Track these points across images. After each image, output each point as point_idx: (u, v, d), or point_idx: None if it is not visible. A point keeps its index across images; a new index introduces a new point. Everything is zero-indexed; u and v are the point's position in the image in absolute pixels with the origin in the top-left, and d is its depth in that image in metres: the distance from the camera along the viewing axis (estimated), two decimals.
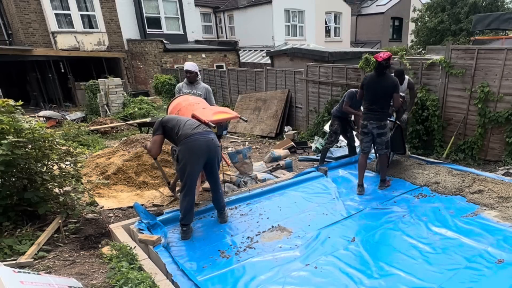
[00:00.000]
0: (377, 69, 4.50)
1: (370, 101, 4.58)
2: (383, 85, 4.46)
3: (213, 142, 3.61)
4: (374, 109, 4.55)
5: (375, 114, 4.55)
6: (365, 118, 4.66)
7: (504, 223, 3.82)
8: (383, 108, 4.55)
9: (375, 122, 4.57)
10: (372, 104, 4.57)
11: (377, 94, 4.49)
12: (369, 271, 3.15)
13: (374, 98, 4.53)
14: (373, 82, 4.52)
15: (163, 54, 16.08)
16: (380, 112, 4.55)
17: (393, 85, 4.47)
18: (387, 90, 4.47)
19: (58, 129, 8.77)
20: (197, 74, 5.26)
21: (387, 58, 4.39)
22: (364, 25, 27.93)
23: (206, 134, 3.57)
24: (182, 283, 2.97)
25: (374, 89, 4.50)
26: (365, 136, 4.74)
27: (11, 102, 3.68)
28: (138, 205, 3.97)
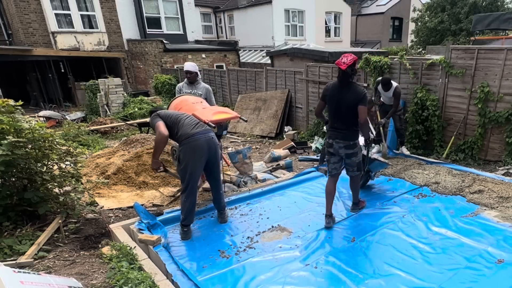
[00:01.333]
0: (340, 78, 3.67)
1: (334, 116, 3.80)
2: (347, 98, 3.63)
3: (213, 141, 3.63)
4: (339, 127, 3.77)
5: (340, 132, 3.76)
6: (329, 135, 3.87)
7: (504, 223, 3.82)
8: (349, 125, 3.73)
9: (341, 142, 3.77)
10: (336, 121, 3.78)
11: (340, 108, 3.70)
12: (369, 271, 3.15)
13: (337, 113, 3.74)
14: (335, 93, 3.71)
15: (163, 54, 16.08)
16: (346, 130, 3.75)
17: (358, 97, 3.60)
18: (352, 103, 3.62)
19: (58, 129, 8.78)
20: (197, 74, 5.25)
21: (351, 64, 3.55)
22: (364, 25, 27.93)
23: (206, 133, 3.57)
24: (182, 283, 2.97)
25: (337, 102, 3.70)
26: (331, 156, 3.93)
27: (11, 102, 3.68)
28: (138, 205, 3.97)
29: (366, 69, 7.36)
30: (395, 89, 5.89)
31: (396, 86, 5.95)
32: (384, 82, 6.01)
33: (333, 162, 3.94)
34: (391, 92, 5.94)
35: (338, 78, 3.71)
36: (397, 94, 5.88)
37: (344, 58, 3.58)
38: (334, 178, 4.00)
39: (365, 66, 7.33)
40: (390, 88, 5.97)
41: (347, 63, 3.54)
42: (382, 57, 7.26)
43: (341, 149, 3.80)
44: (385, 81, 5.98)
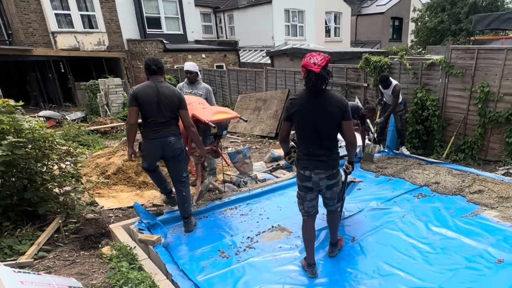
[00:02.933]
0: (312, 86, 2.65)
1: (309, 140, 2.82)
2: (326, 112, 2.71)
3: (171, 146, 3.57)
4: (318, 152, 2.80)
5: (321, 160, 2.81)
6: (305, 166, 2.86)
7: (504, 223, 3.82)
8: (331, 148, 2.85)
9: (323, 172, 2.83)
10: (313, 145, 2.81)
11: (318, 127, 2.73)
12: (369, 271, 3.15)
13: (314, 134, 2.77)
14: (307, 108, 2.72)
15: (163, 54, 16.08)
16: (328, 156, 2.82)
17: (341, 109, 2.71)
18: (334, 118, 2.72)
19: (58, 129, 8.78)
20: (198, 74, 5.25)
21: (325, 65, 2.65)
22: (364, 25, 27.92)
23: (164, 137, 3.55)
24: (182, 283, 2.97)
25: (313, 119, 2.72)
26: (308, 193, 2.95)
27: (11, 102, 3.69)
28: (138, 205, 3.97)
29: (366, 69, 7.37)
30: (394, 87, 5.92)
31: (396, 84, 5.98)
32: (381, 78, 6.06)
33: (310, 199, 2.98)
34: (391, 90, 5.97)
35: (308, 87, 2.69)
36: (396, 92, 5.92)
37: (313, 58, 2.65)
38: (313, 218, 3.09)
39: (365, 66, 7.33)
40: (389, 86, 6.00)
41: (319, 64, 2.60)
42: (382, 57, 7.27)
43: (322, 181, 2.87)
44: (382, 78, 6.03)
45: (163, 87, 3.52)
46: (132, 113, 3.46)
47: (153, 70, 3.53)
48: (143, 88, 3.48)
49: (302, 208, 3.06)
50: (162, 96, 3.48)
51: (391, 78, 6.12)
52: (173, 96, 3.54)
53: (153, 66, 3.52)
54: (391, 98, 6.06)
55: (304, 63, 2.70)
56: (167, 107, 3.51)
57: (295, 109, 2.77)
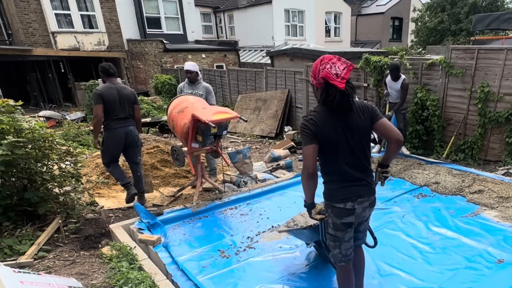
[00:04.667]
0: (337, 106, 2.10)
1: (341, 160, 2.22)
2: (355, 124, 2.19)
3: (131, 133, 4.33)
4: (359, 176, 2.27)
5: (364, 184, 2.30)
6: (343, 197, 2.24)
7: (504, 223, 3.82)
8: (368, 168, 2.31)
9: (366, 199, 2.32)
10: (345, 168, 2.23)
11: (350, 143, 2.19)
12: (369, 271, 3.14)
13: (346, 153, 2.21)
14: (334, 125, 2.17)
15: (163, 54, 16.08)
16: (366, 179, 2.31)
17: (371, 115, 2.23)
18: (366, 130, 2.23)
19: (58, 129, 8.78)
20: (198, 73, 5.26)
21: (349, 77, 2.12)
22: (364, 25, 27.92)
23: (126, 126, 4.27)
24: (182, 283, 2.97)
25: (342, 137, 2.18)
26: (347, 231, 2.33)
27: (11, 102, 3.69)
28: (138, 205, 3.97)
29: (366, 69, 7.36)
30: (403, 81, 5.89)
31: (404, 78, 5.95)
32: (392, 67, 5.92)
33: (348, 238, 2.36)
34: (399, 84, 5.91)
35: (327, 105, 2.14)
36: (404, 85, 5.88)
37: (334, 67, 2.06)
38: (351, 263, 2.45)
39: (365, 66, 7.33)
40: (398, 79, 5.94)
41: (343, 76, 2.06)
42: (382, 57, 7.27)
43: (366, 211, 2.37)
44: (394, 67, 5.91)
45: (121, 87, 4.25)
46: (99, 109, 4.05)
47: (111, 73, 4.24)
48: (106, 89, 4.13)
49: (339, 253, 2.36)
50: (122, 95, 4.19)
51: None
52: (131, 94, 4.32)
53: (111, 70, 4.23)
54: (398, 93, 6.00)
55: (324, 74, 2.06)
56: (127, 104, 4.25)
57: (320, 128, 2.13)
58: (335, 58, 2.11)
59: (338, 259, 2.40)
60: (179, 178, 5.74)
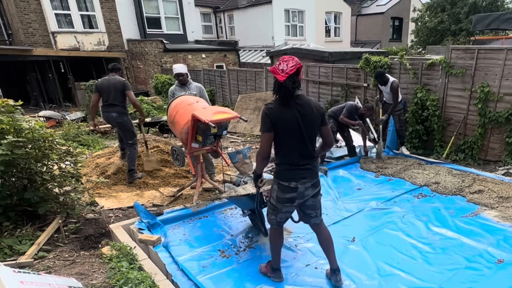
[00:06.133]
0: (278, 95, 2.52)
1: (295, 148, 2.62)
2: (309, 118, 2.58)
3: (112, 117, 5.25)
4: (304, 161, 2.65)
5: (308, 168, 2.68)
6: (290, 177, 2.66)
7: (504, 223, 3.82)
8: (313, 155, 2.70)
9: (309, 180, 2.70)
10: (297, 154, 2.63)
11: (303, 134, 2.58)
12: (369, 271, 3.15)
13: (300, 142, 2.60)
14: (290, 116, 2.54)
15: (163, 54, 16.08)
16: (312, 164, 2.70)
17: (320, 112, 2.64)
18: (315, 124, 2.62)
19: (58, 129, 8.78)
20: (188, 74, 5.33)
21: (294, 73, 2.44)
22: (364, 25, 27.92)
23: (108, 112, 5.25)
24: (182, 283, 2.97)
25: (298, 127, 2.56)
26: (286, 205, 2.77)
27: (11, 102, 3.69)
28: (138, 205, 3.97)
29: (366, 69, 7.37)
30: (392, 84, 5.93)
31: (393, 81, 5.98)
32: (376, 74, 6.09)
33: (286, 211, 2.84)
34: (389, 87, 5.97)
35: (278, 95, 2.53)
36: (394, 89, 5.93)
37: (282, 64, 2.45)
38: (282, 228, 3.02)
39: (365, 66, 7.33)
40: (386, 83, 5.99)
41: (287, 72, 2.42)
42: (382, 57, 7.27)
43: (308, 190, 2.73)
44: (378, 74, 6.05)
45: (112, 79, 5.22)
46: (94, 97, 5.27)
47: (110, 69, 5.36)
48: (101, 81, 5.30)
49: (274, 219, 2.90)
50: (111, 85, 5.16)
51: (388, 75, 6.12)
52: (117, 83, 5.18)
53: (112, 67, 5.37)
54: (390, 95, 6.06)
55: (271, 69, 2.50)
56: (113, 92, 5.14)
57: (277, 118, 2.53)
58: (290, 59, 2.49)
59: (273, 223, 2.95)
60: (179, 178, 5.74)
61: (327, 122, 2.76)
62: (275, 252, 3.03)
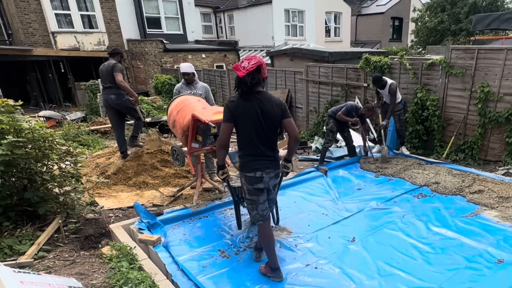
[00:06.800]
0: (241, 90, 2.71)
1: (257, 140, 2.79)
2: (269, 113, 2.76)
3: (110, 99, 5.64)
4: (265, 152, 2.84)
5: (269, 159, 2.86)
6: (255, 167, 2.82)
7: (504, 223, 3.82)
8: (274, 148, 2.93)
9: (272, 171, 2.89)
10: (260, 145, 2.81)
11: (264, 127, 2.78)
12: (369, 271, 3.15)
13: (262, 134, 2.79)
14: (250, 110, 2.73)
15: (163, 54, 16.08)
16: (274, 155, 2.92)
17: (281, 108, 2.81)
18: (275, 119, 2.79)
19: (58, 129, 8.78)
20: (194, 74, 5.29)
21: (254, 69, 2.63)
22: (364, 25, 27.92)
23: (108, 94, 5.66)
24: (182, 283, 2.97)
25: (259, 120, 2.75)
26: (260, 195, 2.92)
27: (11, 102, 3.69)
28: (138, 205, 3.97)
29: (366, 69, 7.36)
30: (390, 86, 5.95)
31: (391, 83, 5.99)
32: (373, 80, 6.13)
33: (263, 201, 2.95)
34: (387, 89, 5.98)
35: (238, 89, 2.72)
36: (391, 91, 5.95)
37: (245, 62, 2.66)
38: (269, 221, 3.10)
39: (365, 66, 7.33)
40: (384, 86, 6.01)
41: (247, 69, 2.61)
42: (382, 57, 7.27)
43: (272, 180, 2.93)
44: (375, 79, 6.09)
45: (107, 63, 5.60)
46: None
47: (110, 53, 5.79)
48: (101, 66, 5.69)
49: (256, 213, 2.95)
50: (105, 69, 5.58)
51: (385, 78, 6.13)
52: (108, 66, 5.55)
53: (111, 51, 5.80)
54: (389, 97, 6.07)
55: (234, 66, 2.73)
56: (107, 76, 5.56)
57: (239, 111, 2.72)
58: (253, 58, 2.70)
59: (257, 218, 2.99)
60: (179, 178, 5.74)
61: (289, 115, 2.88)
62: (269, 251, 3.04)
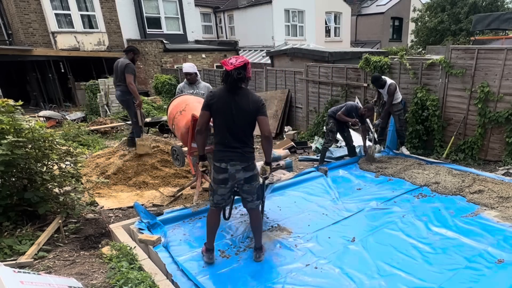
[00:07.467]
0: (224, 81, 2.95)
1: (226, 131, 2.99)
2: (243, 106, 2.94)
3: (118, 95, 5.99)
4: (234, 144, 2.99)
5: (236, 152, 2.99)
6: (221, 157, 3.01)
7: (504, 223, 3.82)
8: (245, 142, 3.03)
9: (238, 163, 3.00)
10: (229, 136, 2.99)
11: (234, 120, 2.95)
12: (369, 271, 3.15)
13: (231, 126, 2.97)
14: (225, 101, 2.95)
15: (163, 54, 16.08)
16: (242, 148, 3.01)
17: (257, 105, 2.97)
18: (249, 113, 2.96)
19: (58, 129, 8.78)
20: (197, 74, 5.29)
21: (241, 67, 2.88)
22: (364, 25, 27.92)
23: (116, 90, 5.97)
24: (182, 283, 2.97)
25: (229, 112, 2.94)
26: (221, 186, 3.08)
27: (11, 102, 3.69)
28: (138, 205, 3.97)
29: (366, 69, 7.36)
30: (389, 86, 5.95)
31: (391, 83, 6.00)
32: (372, 79, 6.15)
33: (221, 193, 3.11)
34: (386, 89, 5.98)
35: (224, 82, 2.96)
36: (390, 92, 5.97)
37: (233, 59, 2.93)
38: (218, 211, 3.27)
39: (365, 66, 7.33)
40: (384, 86, 6.02)
41: (235, 64, 2.86)
42: (382, 57, 7.27)
43: (239, 173, 3.02)
44: (373, 78, 6.11)
45: (121, 61, 5.79)
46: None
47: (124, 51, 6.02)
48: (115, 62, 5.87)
49: (211, 200, 3.21)
50: (118, 66, 5.77)
51: (385, 77, 6.13)
52: (121, 64, 5.73)
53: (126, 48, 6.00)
54: (387, 97, 6.08)
55: (222, 61, 2.98)
56: (119, 74, 5.74)
57: (214, 100, 2.97)
58: (240, 57, 2.96)
59: (211, 204, 3.23)
60: (179, 178, 5.74)
61: (264, 113, 3.01)
62: (208, 233, 3.27)
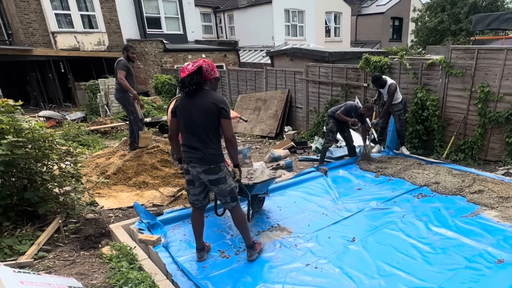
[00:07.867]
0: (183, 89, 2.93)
1: (187, 132, 3.00)
2: (201, 106, 2.89)
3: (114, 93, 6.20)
4: (193, 145, 2.96)
5: (195, 153, 2.96)
6: (183, 159, 3.07)
7: (504, 223, 3.82)
8: (207, 142, 2.95)
9: (199, 166, 2.97)
10: (189, 138, 2.99)
11: (193, 121, 2.92)
12: (369, 271, 3.15)
13: (190, 128, 2.95)
14: (186, 104, 2.95)
15: (163, 54, 16.07)
16: (203, 150, 2.95)
17: (217, 105, 2.88)
18: (208, 113, 2.89)
19: (58, 129, 8.78)
20: None
21: (194, 71, 2.83)
22: (364, 25, 27.93)
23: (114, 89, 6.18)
24: (182, 283, 2.97)
25: (189, 114, 2.93)
26: (190, 186, 3.15)
27: (11, 102, 3.69)
28: (138, 205, 3.97)
29: (366, 69, 7.36)
30: (389, 86, 5.96)
31: (391, 83, 6.00)
32: (372, 79, 6.16)
33: (193, 193, 3.17)
34: (386, 89, 5.99)
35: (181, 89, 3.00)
36: (389, 92, 5.98)
37: (190, 64, 2.89)
38: (199, 211, 3.29)
39: (365, 66, 7.33)
40: (384, 85, 6.02)
41: (189, 70, 2.83)
42: (382, 57, 7.27)
43: (202, 175, 3.01)
44: (374, 78, 6.12)
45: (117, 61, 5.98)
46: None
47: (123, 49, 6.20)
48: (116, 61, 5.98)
49: (189, 199, 3.28)
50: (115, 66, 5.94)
51: (385, 77, 6.13)
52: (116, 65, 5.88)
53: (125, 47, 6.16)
54: (387, 97, 6.08)
55: (181, 68, 3.05)
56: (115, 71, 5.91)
57: (178, 106, 3.01)
58: (198, 61, 2.92)
59: (190, 203, 3.30)
60: (179, 178, 5.73)
61: (227, 116, 2.94)
62: (194, 233, 3.37)
